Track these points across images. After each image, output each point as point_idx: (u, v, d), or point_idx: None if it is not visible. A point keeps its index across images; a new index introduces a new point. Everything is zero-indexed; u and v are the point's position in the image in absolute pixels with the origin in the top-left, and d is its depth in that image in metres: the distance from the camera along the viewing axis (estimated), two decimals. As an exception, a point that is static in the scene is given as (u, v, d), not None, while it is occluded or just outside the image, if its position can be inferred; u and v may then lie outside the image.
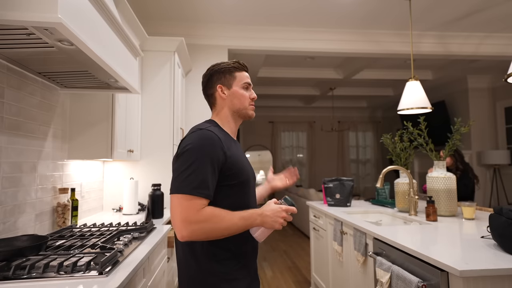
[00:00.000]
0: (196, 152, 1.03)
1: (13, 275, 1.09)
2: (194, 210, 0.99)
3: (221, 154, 1.06)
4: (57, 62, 1.43)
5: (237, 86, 1.22)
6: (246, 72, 1.26)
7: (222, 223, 1.02)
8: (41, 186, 1.79)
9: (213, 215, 1.01)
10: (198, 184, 1.00)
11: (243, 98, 1.22)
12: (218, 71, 1.23)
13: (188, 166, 1.01)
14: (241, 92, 1.22)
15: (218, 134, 1.10)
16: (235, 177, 1.10)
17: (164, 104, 2.87)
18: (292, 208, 1.10)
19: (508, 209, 1.38)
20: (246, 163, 1.19)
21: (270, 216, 1.07)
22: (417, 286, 1.31)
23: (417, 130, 2.42)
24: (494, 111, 5.88)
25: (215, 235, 1.03)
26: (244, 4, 3.17)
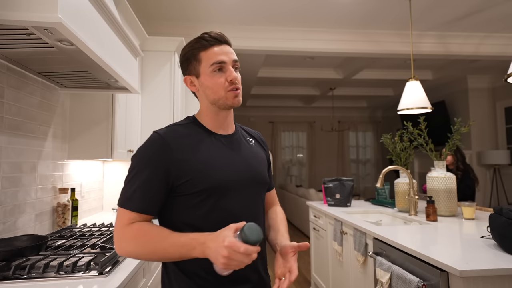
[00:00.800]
0: (135, 161, 0.90)
1: (13, 275, 1.09)
2: (120, 225, 0.86)
3: (165, 159, 0.87)
4: (57, 62, 1.43)
5: (206, 70, 0.94)
6: (218, 46, 0.94)
7: (148, 246, 0.83)
8: (41, 186, 1.79)
9: (138, 234, 0.84)
10: (129, 196, 0.87)
11: (216, 85, 0.93)
12: (183, 59, 0.98)
13: (127, 176, 0.90)
14: (211, 77, 0.93)
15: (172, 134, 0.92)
16: (192, 185, 0.88)
17: (164, 104, 2.87)
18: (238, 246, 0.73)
19: (508, 209, 1.38)
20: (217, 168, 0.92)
21: (211, 249, 0.76)
22: (417, 286, 1.31)
23: (417, 130, 2.42)
24: (494, 111, 5.88)
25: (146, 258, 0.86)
26: (244, 4, 3.17)
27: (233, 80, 0.93)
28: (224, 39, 0.96)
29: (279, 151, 8.56)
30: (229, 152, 0.97)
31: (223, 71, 0.94)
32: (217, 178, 0.90)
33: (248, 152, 1.02)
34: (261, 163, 1.05)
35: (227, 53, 0.94)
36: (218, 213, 0.91)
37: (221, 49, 0.94)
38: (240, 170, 0.96)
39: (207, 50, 0.94)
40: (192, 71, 0.97)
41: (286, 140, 8.66)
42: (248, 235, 0.74)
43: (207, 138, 0.96)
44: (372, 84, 6.45)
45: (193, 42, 0.96)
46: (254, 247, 0.75)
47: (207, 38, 0.93)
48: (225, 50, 0.95)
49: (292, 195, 6.51)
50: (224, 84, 0.93)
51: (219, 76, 0.93)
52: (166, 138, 0.90)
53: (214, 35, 0.94)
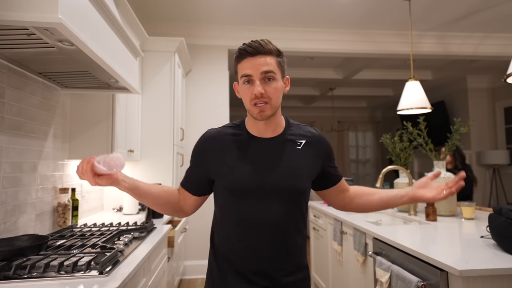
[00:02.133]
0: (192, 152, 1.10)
1: (14, 275, 1.10)
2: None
3: (205, 155, 1.03)
4: (58, 62, 1.43)
5: (240, 82, 1.00)
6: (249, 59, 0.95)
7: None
8: (41, 186, 1.80)
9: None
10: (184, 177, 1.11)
11: (244, 97, 0.98)
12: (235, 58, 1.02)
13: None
14: (242, 89, 0.99)
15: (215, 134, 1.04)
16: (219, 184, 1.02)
17: (164, 104, 2.87)
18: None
19: (507, 209, 1.39)
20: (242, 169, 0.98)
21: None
22: (416, 285, 1.32)
23: (417, 130, 2.42)
24: (494, 111, 5.89)
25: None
26: (244, 5, 3.17)
27: (256, 95, 0.94)
28: (257, 49, 0.95)
29: (279, 151, 8.55)
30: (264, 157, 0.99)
31: (252, 84, 0.96)
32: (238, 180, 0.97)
33: (285, 158, 1.00)
34: (295, 170, 1.01)
35: (255, 66, 0.94)
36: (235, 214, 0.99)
37: (250, 62, 0.95)
38: (266, 174, 0.97)
39: (240, 63, 0.98)
40: (236, 78, 1.03)
41: (286, 140, 8.64)
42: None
43: (243, 141, 1.02)
44: (372, 84, 6.46)
45: (235, 53, 1.00)
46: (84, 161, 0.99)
47: (241, 50, 0.97)
48: (254, 62, 0.94)
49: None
50: (250, 97, 0.96)
51: (247, 88, 0.97)
52: (206, 138, 1.04)
53: (247, 47, 0.96)
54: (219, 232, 1.05)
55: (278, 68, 0.97)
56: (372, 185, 8.77)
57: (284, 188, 0.98)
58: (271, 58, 0.96)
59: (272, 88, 0.95)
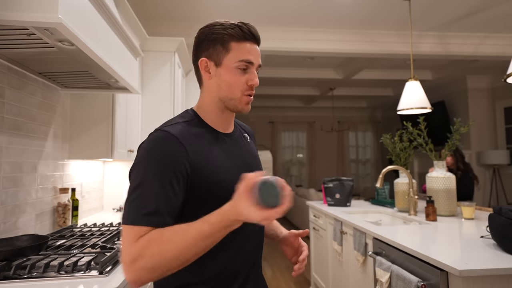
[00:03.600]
0: (144, 166, 0.75)
1: (14, 275, 1.10)
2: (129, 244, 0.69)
3: (180, 162, 0.76)
4: (58, 62, 1.43)
5: (230, 63, 0.83)
6: (251, 44, 0.84)
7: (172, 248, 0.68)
8: (41, 186, 1.80)
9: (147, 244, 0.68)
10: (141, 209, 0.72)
11: (235, 83, 0.84)
12: (208, 37, 0.84)
13: (134, 187, 0.74)
14: (233, 73, 0.83)
15: (183, 133, 0.80)
16: (208, 191, 0.79)
17: (164, 104, 2.87)
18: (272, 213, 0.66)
19: (507, 209, 1.39)
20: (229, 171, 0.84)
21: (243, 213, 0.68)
22: (416, 285, 1.32)
23: (417, 130, 2.42)
24: (494, 111, 5.89)
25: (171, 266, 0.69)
26: (244, 5, 3.17)
27: (253, 86, 0.85)
28: (259, 39, 0.87)
29: (279, 151, 8.57)
30: (235, 155, 0.90)
31: (247, 72, 0.85)
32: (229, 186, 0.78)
33: (249, 153, 0.97)
34: (258, 163, 1.00)
35: (257, 55, 0.86)
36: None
37: (254, 48, 0.85)
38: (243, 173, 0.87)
39: (240, 43, 0.83)
40: (213, 55, 0.84)
41: (286, 140, 8.66)
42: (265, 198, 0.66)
43: (214, 139, 0.87)
44: (372, 84, 6.46)
45: (226, 25, 0.83)
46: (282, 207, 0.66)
47: (244, 30, 0.83)
48: (256, 50, 0.86)
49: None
50: (244, 86, 0.85)
51: (241, 75, 0.84)
52: (179, 138, 0.78)
53: (253, 30, 0.84)
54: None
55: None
56: (372, 185, 8.78)
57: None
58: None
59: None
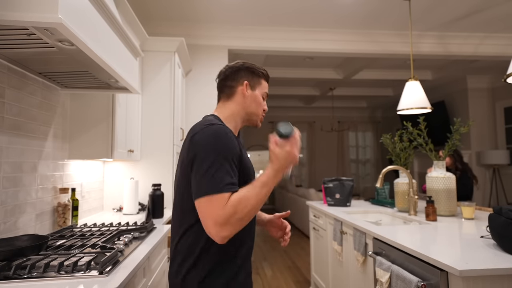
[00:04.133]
0: (215, 150, 0.98)
1: (14, 275, 1.10)
2: (221, 208, 0.92)
3: (236, 150, 1.03)
4: (58, 63, 1.43)
5: (259, 92, 1.21)
6: (267, 83, 1.27)
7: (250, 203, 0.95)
8: (41, 186, 1.80)
9: (236, 202, 0.93)
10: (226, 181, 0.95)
11: (260, 105, 1.21)
12: (249, 69, 1.21)
13: (211, 165, 0.95)
14: (259, 98, 1.21)
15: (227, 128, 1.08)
16: (243, 176, 1.06)
17: (164, 104, 2.87)
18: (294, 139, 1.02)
19: (507, 209, 1.39)
20: (250, 162, 1.17)
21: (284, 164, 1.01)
22: (416, 285, 1.32)
23: (417, 130, 2.42)
24: (494, 111, 5.89)
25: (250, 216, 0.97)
26: (244, 4, 3.17)
27: (265, 111, 1.25)
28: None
29: (279, 151, 8.56)
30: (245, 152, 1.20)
31: (264, 101, 1.24)
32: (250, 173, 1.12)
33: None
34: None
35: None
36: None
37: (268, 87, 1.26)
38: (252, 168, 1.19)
39: (265, 82, 1.24)
40: (251, 82, 1.20)
41: (286, 140, 8.65)
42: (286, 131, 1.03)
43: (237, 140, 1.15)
44: (372, 84, 6.46)
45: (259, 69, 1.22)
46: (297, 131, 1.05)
47: (267, 75, 1.26)
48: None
49: (292, 195, 6.52)
50: (262, 109, 1.23)
51: (263, 102, 1.23)
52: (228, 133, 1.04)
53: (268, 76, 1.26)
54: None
55: None
56: (372, 185, 8.78)
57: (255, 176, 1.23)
58: None
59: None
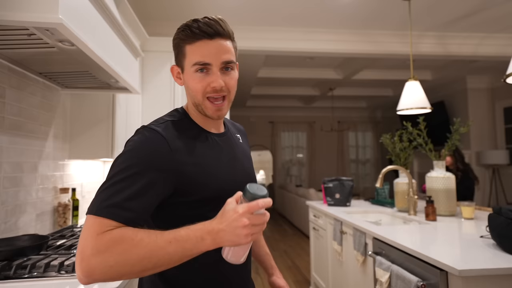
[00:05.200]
0: (128, 160, 0.72)
1: (14, 275, 1.10)
2: (93, 236, 0.64)
3: (164, 162, 0.74)
4: (58, 63, 1.43)
5: (188, 68, 0.80)
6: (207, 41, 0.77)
7: (134, 251, 0.63)
8: (42, 186, 1.80)
9: (118, 240, 0.63)
10: (111, 201, 0.67)
11: (194, 88, 0.80)
12: (173, 43, 0.83)
13: (110, 177, 0.71)
14: (193, 78, 0.80)
15: (169, 132, 0.78)
16: (191, 193, 0.77)
17: (164, 105, 2.87)
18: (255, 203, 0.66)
19: (507, 208, 1.39)
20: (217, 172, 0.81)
21: (225, 230, 0.65)
22: (416, 285, 1.32)
23: (417, 130, 2.42)
24: (493, 111, 5.89)
25: (127, 270, 0.64)
26: (244, 5, 3.17)
27: (215, 88, 0.78)
28: (218, 31, 0.78)
29: (279, 151, 8.57)
30: (226, 155, 0.87)
31: (208, 74, 0.79)
32: (216, 187, 0.79)
33: (241, 153, 0.94)
34: (251, 164, 0.98)
35: (215, 53, 0.78)
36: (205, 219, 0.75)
37: (209, 46, 0.77)
38: (238, 176, 0.87)
39: (192, 44, 0.78)
40: (178, 62, 0.83)
41: (286, 140, 8.67)
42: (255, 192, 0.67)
43: (202, 139, 0.84)
44: (371, 84, 6.46)
45: (180, 29, 0.80)
46: (267, 199, 0.67)
47: (193, 29, 0.77)
48: (213, 47, 0.77)
49: (292, 195, 6.52)
50: (204, 89, 0.79)
51: (200, 78, 0.79)
52: (165, 137, 0.76)
53: (203, 26, 0.76)
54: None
55: (235, 55, 0.83)
56: (372, 185, 8.78)
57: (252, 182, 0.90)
58: (230, 43, 0.81)
59: (232, 80, 0.81)
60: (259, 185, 0.70)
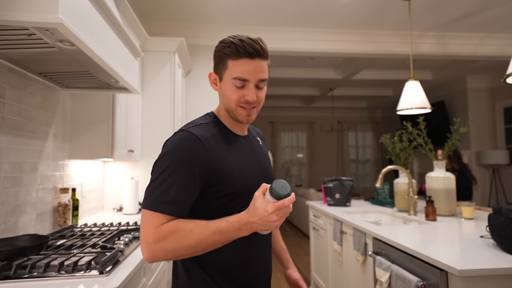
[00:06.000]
0: (169, 160, 0.85)
1: (14, 275, 1.10)
2: (153, 228, 0.81)
3: (200, 160, 0.86)
4: (58, 63, 1.43)
5: (227, 80, 0.91)
6: (248, 60, 0.88)
7: (187, 240, 0.80)
8: (42, 186, 1.80)
9: (173, 231, 0.81)
10: (163, 198, 0.82)
11: (230, 97, 0.91)
12: (215, 54, 0.94)
13: (157, 177, 0.85)
14: (230, 89, 0.91)
15: (204, 134, 0.89)
16: (222, 188, 0.89)
17: (164, 104, 2.87)
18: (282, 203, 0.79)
19: (507, 208, 1.39)
20: (244, 170, 0.94)
21: (258, 223, 0.79)
22: (416, 285, 1.32)
23: (417, 130, 2.42)
24: (493, 111, 5.89)
25: (182, 253, 0.82)
26: (244, 5, 3.17)
27: (248, 101, 0.90)
28: (258, 52, 0.88)
29: (279, 151, 8.57)
30: (250, 155, 1.00)
31: (244, 87, 0.90)
32: (243, 183, 0.92)
33: (261, 153, 1.06)
34: (270, 163, 1.11)
35: (254, 71, 0.89)
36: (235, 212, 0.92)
37: (249, 64, 0.88)
38: (259, 173, 0.99)
39: (235, 60, 0.88)
40: (217, 69, 0.94)
41: (286, 140, 8.67)
42: (280, 191, 0.80)
43: (231, 140, 0.96)
44: (371, 84, 6.46)
45: (225, 43, 0.89)
46: (291, 197, 0.81)
47: (239, 47, 0.87)
48: (253, 67, 0.88)
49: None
50: (238, 100, 0.91)
51: (237, 90, 0.90)
52: (201, 139, 0.87)
53: (248, 46, 0.87)
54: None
55: (268, 73, 0.94)
56: (372, 185, 8.78)
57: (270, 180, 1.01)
58: (266, 63, 0.92)
59: (263, 94, 0.94)
60: (284, 183, 0.82)
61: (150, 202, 0.83)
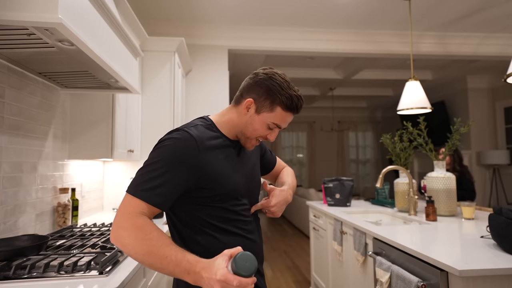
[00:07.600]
0: (162, 154, 0.88)
1: (14, 275, 1.10)
2: (125, 212, 0.82)
3: (192, 159, 0.89)
4: (58, 62, 1.43)
5: (266, 119, 0.98)
6: (290, 115, 1.00)
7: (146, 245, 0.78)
8: (41, 186, 1.80)
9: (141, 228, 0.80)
10: (150, 187, 0.84)
11: (257, 132, 0.99)
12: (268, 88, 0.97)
13: (148, 165, 0.88)
14: (261, 126, 0.99)
15: (199, 135, 0.93)
16: (212, 188, 0.93)
17: (164, 104, 2.87)
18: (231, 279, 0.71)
19: (507, 209, 1.39)
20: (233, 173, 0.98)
21: (204, 280, 0.74)
22: (416, 285, 1.32)
23: (417, 130, 2.42)
24: (494, 111, 5.89)
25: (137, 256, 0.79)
26: (244, 5, 3.17)
27: (268, 140, 1.03)
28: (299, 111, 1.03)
29: (279, 151, 8.57)
30: (241, 162, 1.04)
31: (272, 129, 1.01)
32: (232, 186, 0.96)
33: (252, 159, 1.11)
34: (259, 171, 1.16)
35: (288, 122, 1.02)
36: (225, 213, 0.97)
37: (289, 118, 1.01)
38: (247, 178, 1.04)
39: (283, 112, 0.98)
40: (259, 102, 0.98)
41: (286, 140, 8.67)
42: (240, 268, 0.71)
43: (224, 144, 1.00)
44: (372, 84, 6.46)
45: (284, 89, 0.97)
46: (249, 279, 0.72)
47: (294, 103, 0.98)
48: (290, 119, 1.02)
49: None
50: (260, 135, 1.01)
51: (266, 130, 1.00)
52: (196, 138, 0.92)
53: (299, 105, 1.00)
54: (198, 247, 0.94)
55: None
56: (372, 185, 8.78)
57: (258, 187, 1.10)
58: None
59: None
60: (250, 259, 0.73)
61: (133, 188, 0.85)
